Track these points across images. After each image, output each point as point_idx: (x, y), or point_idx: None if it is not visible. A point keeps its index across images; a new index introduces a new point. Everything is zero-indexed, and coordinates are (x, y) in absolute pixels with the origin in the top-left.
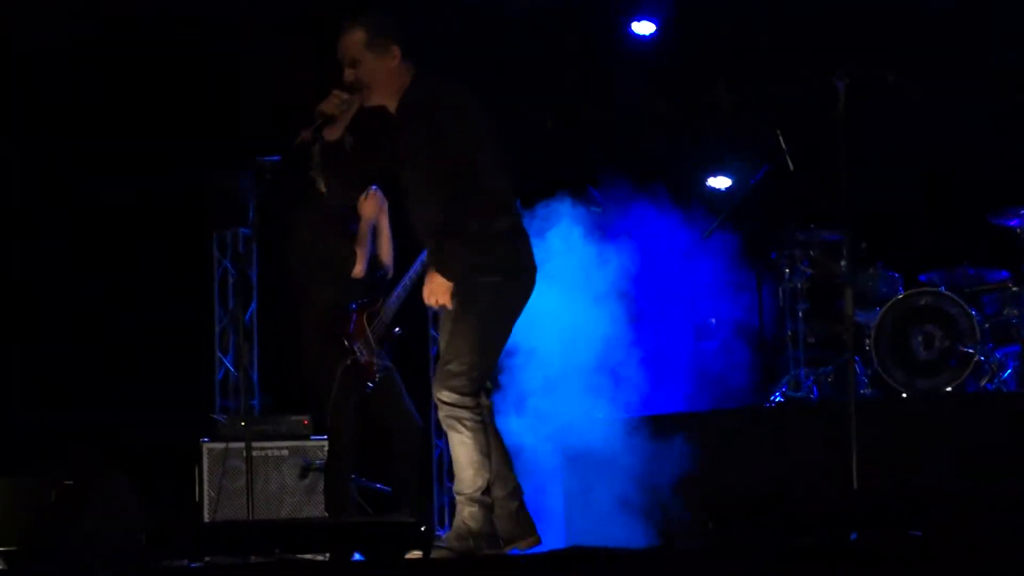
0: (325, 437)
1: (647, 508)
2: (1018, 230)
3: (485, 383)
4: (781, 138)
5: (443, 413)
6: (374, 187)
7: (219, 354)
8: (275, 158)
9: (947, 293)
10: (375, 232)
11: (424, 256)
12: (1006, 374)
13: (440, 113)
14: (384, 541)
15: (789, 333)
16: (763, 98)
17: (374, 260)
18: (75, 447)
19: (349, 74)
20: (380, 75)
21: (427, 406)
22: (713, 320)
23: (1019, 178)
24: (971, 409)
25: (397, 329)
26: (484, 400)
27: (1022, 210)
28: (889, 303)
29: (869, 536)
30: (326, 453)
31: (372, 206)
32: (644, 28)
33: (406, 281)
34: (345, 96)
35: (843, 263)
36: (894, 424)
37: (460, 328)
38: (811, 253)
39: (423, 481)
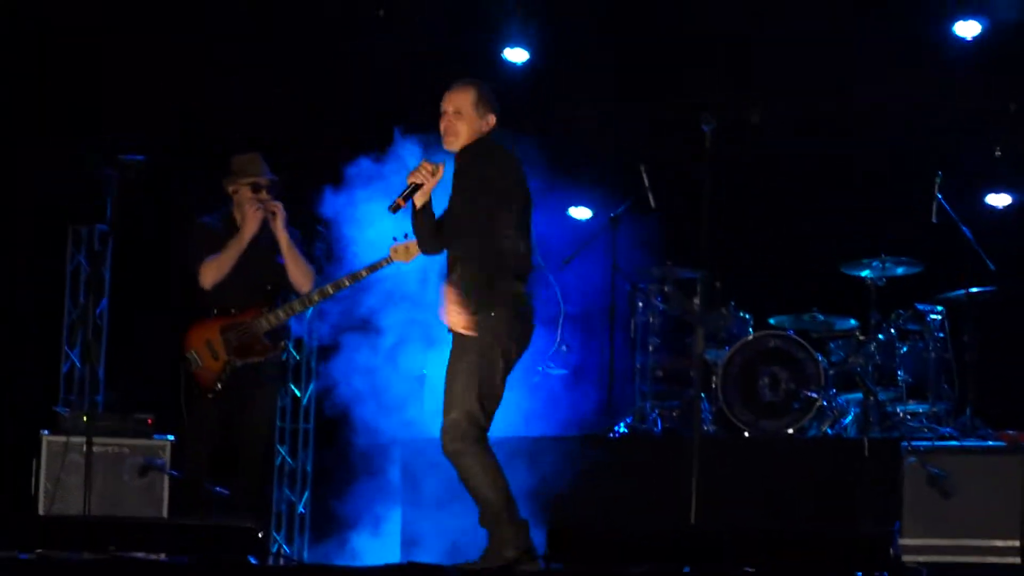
0: (168, 437)
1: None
2: (868, 280)
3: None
4: (645, 174)
5: None
6: (261, 204)
7: (66, 348)
8: (139, 157)
9: (795, 337)
10: (267, 245)
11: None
12: (847, 420)
13: (488, 168)
14: (221, 545)
15: (638, 366)
16: (631, 134)
17: (260, 270)
18: None
19: (447, 120)
20: (473, 133)
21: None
22: (565, 347)
23: (871, 230)
24: (811, 452)
25: (283, 342)
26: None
27: (874, 261)
28: (738, 343)
29: (703, 571)
30: (168, 453)
31: (252, 221)
32: (517, 56)
33: (292, 299)
34: (431, 167)
35: (696, 301)
36: (735, 462)
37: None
38: (665, 289)
39: (264, 488)
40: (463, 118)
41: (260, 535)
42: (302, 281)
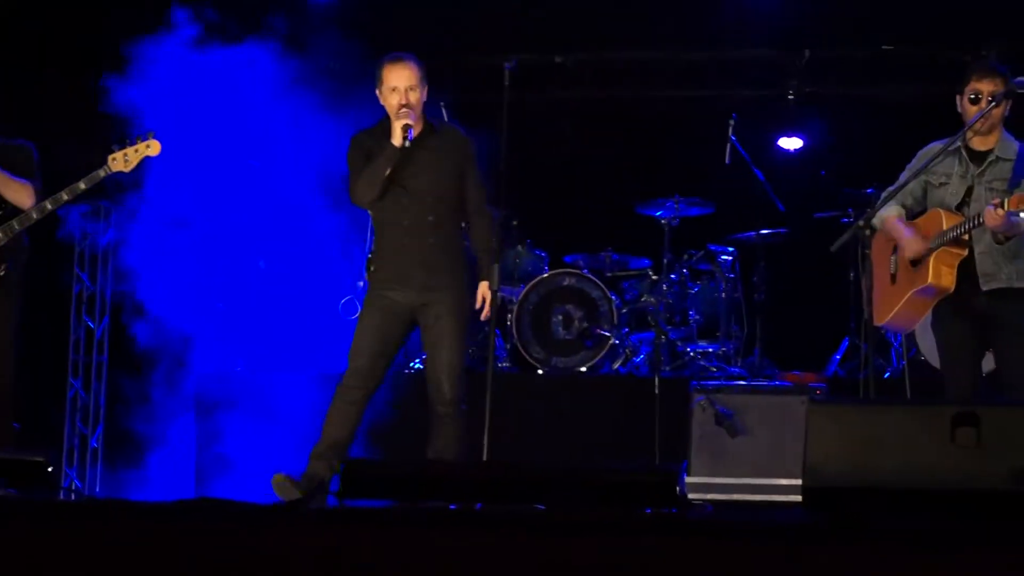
0: None
1: (281, 466)
2: (662, 220)
3: None
4: (444, 112)
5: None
6: None
7: None
8: None
9: (590, 276)
10: None
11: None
12: (639, 358)
13: (467, 161)
14: (8, 479)
15: None
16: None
17: None
18: None
19: (410, 97)
20: (420, 105)
21: (64, 345)
22: (361, 283)
23: (666, 171)
24: (603, 390)
25: (4, 264)
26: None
27: (668, 201)
28: (533, 281)
29: (494, 507)
30: None
31: None
32: None
33: (13, 223)
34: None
35: (492, 239)
36: (528, 399)
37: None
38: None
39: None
40: (417, 92)
41: (50, 469)
42: (19, 200)
